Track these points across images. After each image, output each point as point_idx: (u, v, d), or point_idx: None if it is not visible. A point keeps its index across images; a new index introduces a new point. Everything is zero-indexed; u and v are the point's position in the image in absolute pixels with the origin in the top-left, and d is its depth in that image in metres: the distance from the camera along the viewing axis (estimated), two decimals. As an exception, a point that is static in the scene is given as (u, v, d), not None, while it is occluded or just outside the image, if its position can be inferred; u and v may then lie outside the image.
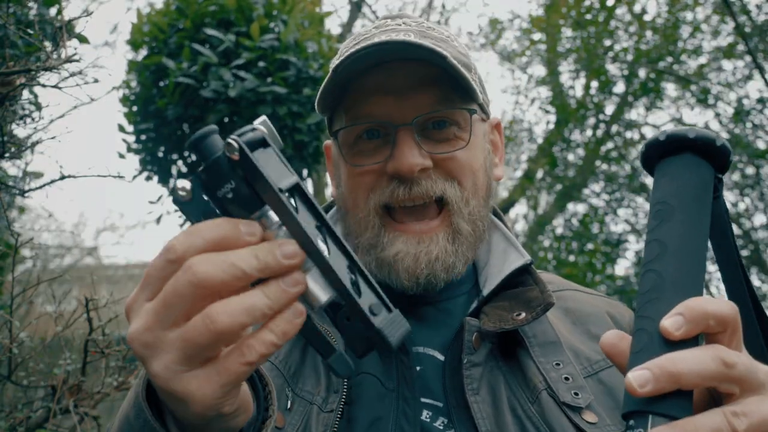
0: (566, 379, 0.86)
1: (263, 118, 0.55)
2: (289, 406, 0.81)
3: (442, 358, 0.91)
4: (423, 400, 0.85)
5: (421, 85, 0.90)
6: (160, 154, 4.93)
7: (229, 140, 0.49)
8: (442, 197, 0.90)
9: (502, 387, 0.85)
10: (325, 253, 0.50)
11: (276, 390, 0.80)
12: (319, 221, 0.53)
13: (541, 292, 0.91)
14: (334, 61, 0.93)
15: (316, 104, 0.98)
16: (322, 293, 0.51)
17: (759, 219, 7.35)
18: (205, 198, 0.52)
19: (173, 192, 0.52)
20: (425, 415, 0.84)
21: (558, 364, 0.88)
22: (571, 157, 7.84)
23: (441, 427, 0.83)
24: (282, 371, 0.85)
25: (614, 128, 7.44)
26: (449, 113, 0.91)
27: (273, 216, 0.51)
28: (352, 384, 0.84)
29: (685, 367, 0.48)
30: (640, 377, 0.48)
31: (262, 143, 0.52)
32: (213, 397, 0.49)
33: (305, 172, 5.11)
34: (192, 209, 0.51)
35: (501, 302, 0.93)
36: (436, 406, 0.85)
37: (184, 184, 0.51)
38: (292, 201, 0.51)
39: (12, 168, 3.00)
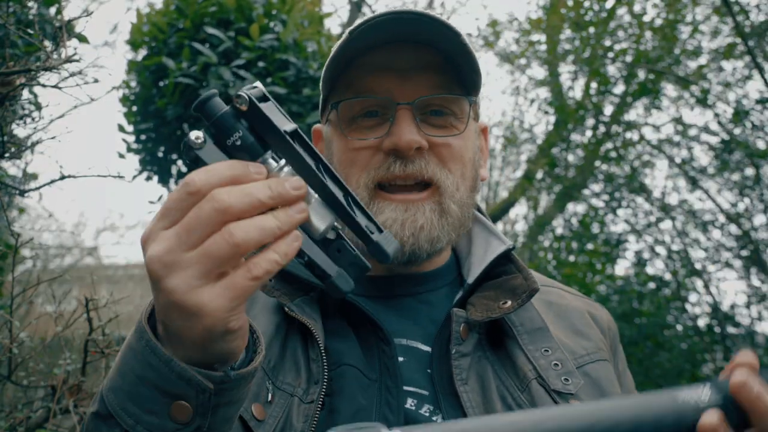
0: (555, 365, 0.88)
1: (257, 82, 0.63)
2: (269, 398, 0.81)
3: (426, 349, 0.91)
4: (406, 388, 0.85)
5: (426, 68, 0.92)
6: (160, 154, 4.93)
7: (240, 93, 0.57)
8: (432, 180, 0.92)
9: (490, 376, 0.86)
10: (325, 181, 0.60)
11: (256, 383, 0.81)
12: (317, 160, 0.61)
13: (525, 278, 0.93)
14: (348, 32, 0.94)
15: (322, 74, 0.99)
16: (320, 222, 0.60)
17: (759, 219, 7.35)
18: (215, 148, 0.59)
19: (186, 143, 0.59)
20: (410, 403, 0.84)
21: (547, 351, 0.90)
22: (570, 157, 7.84)
23: (427, 414, 0.83)
24: (262, 365, 0.86)
25: (614, 129, 7.44)
26: (449, 99, 0.94)
27: (272, 162, 0.59)
28: (333, 375, 0.85)
29: None
30: None
31: (264, 97, 0.60)
32: (223, 309, 0.54)
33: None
34: (204, 155, 0.59)
35: (486, 292, 0.95)
36: (421, 394, 0.85)
37: (198, 133, 0.59)
38: (297, 144, 0.60)
39: (12, 168, 3.00)
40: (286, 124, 0.60)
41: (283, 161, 0.60)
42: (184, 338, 0.58)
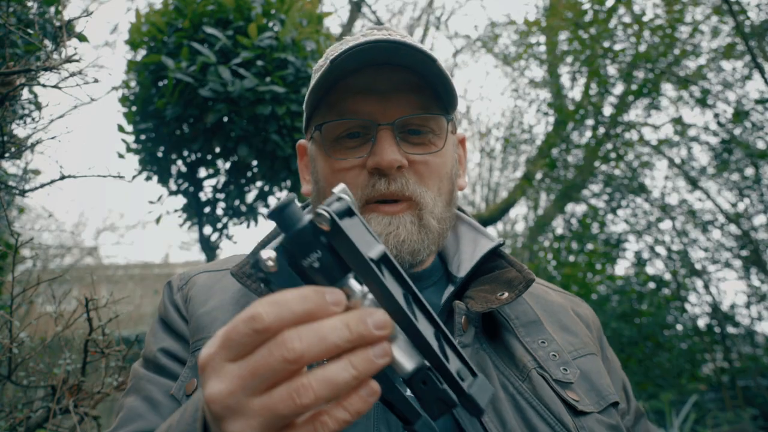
0: (554, 356, 0.91)
1: (342, 185, 0.56)
2: None
3: None
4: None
5: (404, 90, 0.97)
6: (160, 154, 4.93)
7: (320, 211, 0.50)
8: (412, 197, 0.96)
9: (490, 366, 0.89)
10: (414, 321, 0.51)
11: None
12: (406, 289, 0.53)
13: (519, 271, 0.97)
14: (326, 57, 1.00)
15: (305, 98, 1.03)
16: (407, 362, 0.52)
17: (759, 219, 7.35)
18: (289, 271, 0.52)
19: (257, 263, 0.52)
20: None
21: (543, 342, 0.93)
22: (570, 158, 7.84)
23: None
24: None
25: (613, 129, 7.44)
26: (428, 118, 0.98)
27: (355, 285, 0.53)
28: None
29: None
30: None
31: (348, 212, 0.53)
32: (277, 414, 0.49)
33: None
34: (277, 279, 0.52)
35: (482, 286, 0.98)
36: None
37: (270, 254, 0.52)
38: (380, 270, 0.52)
39: (12, 168, 3.00)
40: (372, 248, 0.52)
41: (365, 289, 0.53)
42: None
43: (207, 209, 5.34)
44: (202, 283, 1.04)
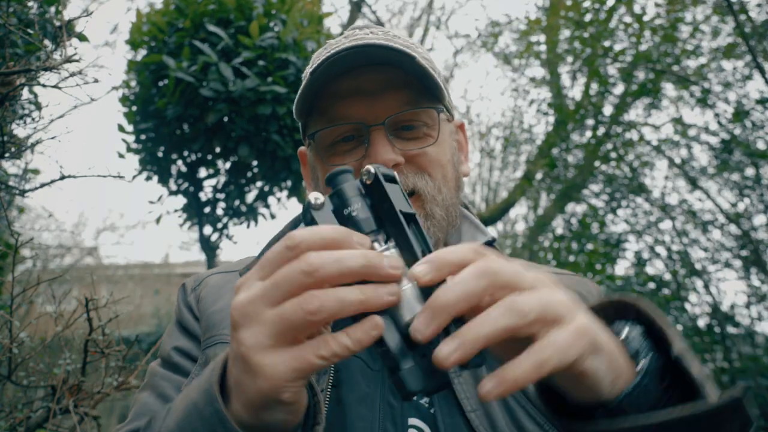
0: None
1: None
2: None
3: None
4: None
5: (390, 88, 0.97)
6: (160, 154, 4.93)
7: (368, 167, 0.59)
8: (414, 190, 0.96)
9: (483, 367, 0.88)
10: None
11: None
12: (426, 248, 0.59)
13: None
14: (308, 69, 1.00)
15: (293, 110, 1.04)
16: (408, 313, 0.55)
17: (759, 219, 7.35)
18: (331, 214, 0.59)
19: (306, 203, 0.59)
20: None
21: None
22: (570, 158, 7.84)
23: (426, 405, 0.85)
24: None
25: (613, 129, 7.44)
26: (418, 112, 0.98)
27: (380, 242, 0.59)
28: (339, 366, 0.88)
29: (485, 331, 0.50)
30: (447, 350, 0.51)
31: (392, 179, 0.61)
32: (280, 377, 0.53)
33: (305, 172, 5.11)
34: (318, 217, 0.58)
35: None
36: None
37: (318, 194, 0.59)
38: (407, 225, 0.59)
39: (12, 168, 3.00)
40: (404, 207, 0.59)
41: (391, 244, 0.59)
42: (240, 394, 0.58)
43: (207, 209, 5.34)
44: (214, 283, 1.06)
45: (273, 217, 5.57)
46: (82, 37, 2.33)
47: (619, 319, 0.68)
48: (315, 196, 0.58)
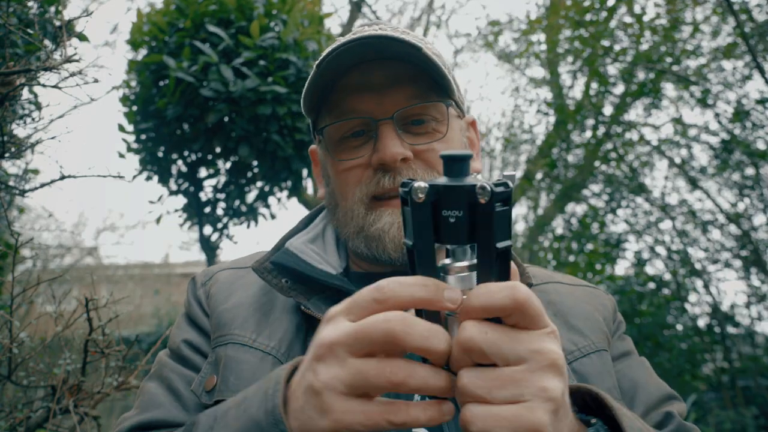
0: None
1: (514, 172, 0.58)
2: None
3: None
4: None
5: (399, 82, 0.96)
6: (160, 154, 4.93)
7: (485, 185, 0.52)
8: None
9: None
10: None
11: (268, 369, 0.84)
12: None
13: (520, 274, 0.95)
14: (316, 62, 0.98)
15: (302, 106, 1.03)
16: None
17: (759, 219, 7.35)
18: (429, 210, 0.54)
19: (408, 186, 0.54)
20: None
21: None
22: (570, 158, 7.84)
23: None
24: (271, 352, 0.89)
25: (613, 129, 7.44)
26: (426, 106, 0.97)
27: (463, 261, 0.55)
28: None
29: None
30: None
31: (506, 200, 0.54)
32: (345, 426, 0.54)
33: (305, 171, 5.11)
34: (413, 211, 0.54)
35: None
36: None
37: (424, 186, 0.53)
38: (497, 263, 0.55)
39: (12, 168, 3.01)
40: (503, 239, 0.54)
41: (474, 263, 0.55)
42: (302, 423, 0.58)
43: (207, 209, 5.34)
44: (224, 279, 1.05)
45: (273, 217, 5.57)
46: (82, 37, 2.33)
47: (582, 409, 0.69)
48: (421, 187, 0.53)
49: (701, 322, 7.92)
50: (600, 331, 0.99)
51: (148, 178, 5.11)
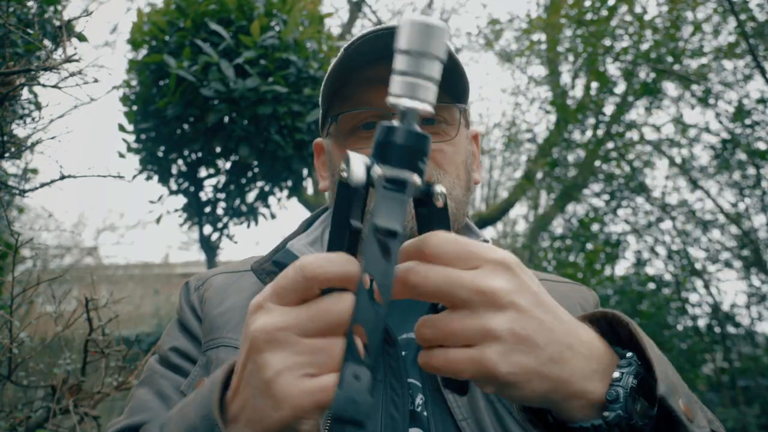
0: None
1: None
2: None
3: None
4: (410, 381, 0.87)
5: None
6: (160, 154, 4.93)
7: (442, 190, 0.55)
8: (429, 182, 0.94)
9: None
10: None
11: None
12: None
13: None
14: (345, 47, 0.97)
15: (321, 91, 1.02)
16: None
17: (759, 219, 7.35)
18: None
19: (432, 195, 0.55)
20: (418, 401, 0.86)
21: None
22: (571, 157, 7.84)
23: (425, 415, 0.85)
24: None
25: (614, 128, 7.43)
26: (440, 107, 0.97)
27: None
28: None
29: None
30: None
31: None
32: (304, 408, 0.51)
33: (305, 171, 5.11)
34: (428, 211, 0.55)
35: None
36: (417, 386, 0.87)
37: (442, 191, 0.55)
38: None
39: (12, 168, 3.00)
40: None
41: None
42: (254, 421, 0.56)
43: (207, 209, 5.35)
44: (219, 284, 1.04)
45: (273, 217, 5.57)
46: (81, 37, 2.33)
47: (612, 337, 0.67)
48: (440, 190, 0.55)
49: (701, 322, 7.92)
50: None
51: (148, 178, 5.11)
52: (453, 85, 0.98)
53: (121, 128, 4.86)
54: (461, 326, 0.53)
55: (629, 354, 0.64)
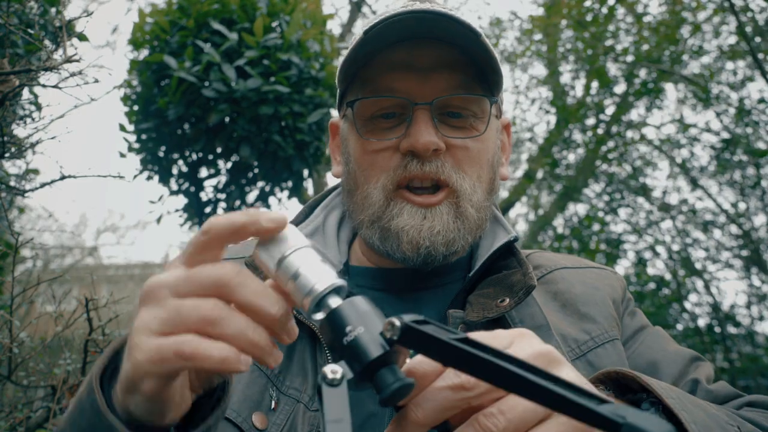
0: None
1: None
2: (273, 406, 0.80)
3: None
4: None
5: (446, 67, 0.89)
6: (161, 154, 4.93)
7: (393, 320, 0.54)
8: (447, 183, 0.89)
9: None
10: None
11: (258, 390, 0.81)
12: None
13: (524, 274, 0.90)
14: (363, 28, 0.90)
15: (337, 73, 0.96)
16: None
17: (759, 219, 7.35)
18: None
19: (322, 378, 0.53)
20: None
21: None
22: (571, 157, 7.84)
23: None
24: (265, 371, 0.84)
25: (614, 128, 7.43)
26: (470, 99, 0.90)
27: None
28: None
29: (429, 410, 0.53)
30: None
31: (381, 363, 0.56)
32: (141, 362, 0.51)
33: (306, 172, 5.11)
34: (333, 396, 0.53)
35: (486, 289, 0.92)
36: None
37: (336, 368, 0.52)
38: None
39: (12, 168, 3.00)
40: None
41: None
42: (123, 370, 0.56)
43: (208, 209, 5.34)
44: None
45: (273, 217, 5.56)
46: (82, 37, 2.33)
47: (625, 392, 0.66)
48: (332, 369, 0.52)
49: (701, 322, 7.91)
50: (611, 317, 0.96)
51: (149, 178, 5.11)
52: (485, 76, 0.91)
53: (122, 128, 4.86)
54: None
55: (644, 404, 0.64)
